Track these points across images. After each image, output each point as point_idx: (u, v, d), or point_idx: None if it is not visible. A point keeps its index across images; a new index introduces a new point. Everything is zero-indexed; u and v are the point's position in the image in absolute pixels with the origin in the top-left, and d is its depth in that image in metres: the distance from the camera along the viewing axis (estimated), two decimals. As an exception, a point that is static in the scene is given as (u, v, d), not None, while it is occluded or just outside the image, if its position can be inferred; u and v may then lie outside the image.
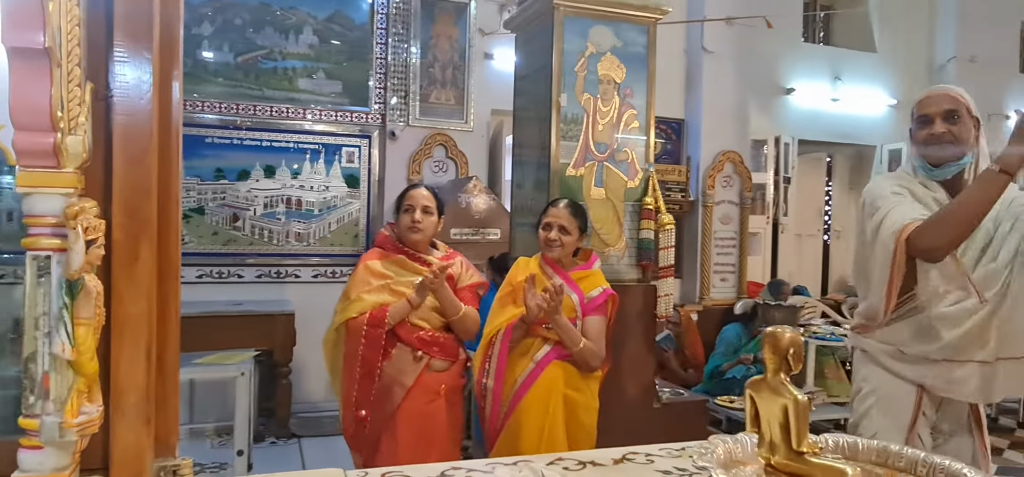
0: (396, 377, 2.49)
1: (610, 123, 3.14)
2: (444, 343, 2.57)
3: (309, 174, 5.43)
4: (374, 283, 2.53)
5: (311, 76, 5.42)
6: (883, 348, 2.11)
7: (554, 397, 2.57)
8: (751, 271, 6.47)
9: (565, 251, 2.65)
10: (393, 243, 2.62)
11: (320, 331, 5.13)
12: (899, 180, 2.12)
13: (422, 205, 2.59)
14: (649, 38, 3.19)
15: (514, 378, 2.61)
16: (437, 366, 2.55)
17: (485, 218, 5.01)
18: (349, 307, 2.52)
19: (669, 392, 3.44)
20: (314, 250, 5.46)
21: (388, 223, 2.79)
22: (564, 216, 2.63)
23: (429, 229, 2.60)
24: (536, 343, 2.62)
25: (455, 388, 2.64)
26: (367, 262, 2.60)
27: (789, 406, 1.10)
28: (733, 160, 6.29)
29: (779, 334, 1.11)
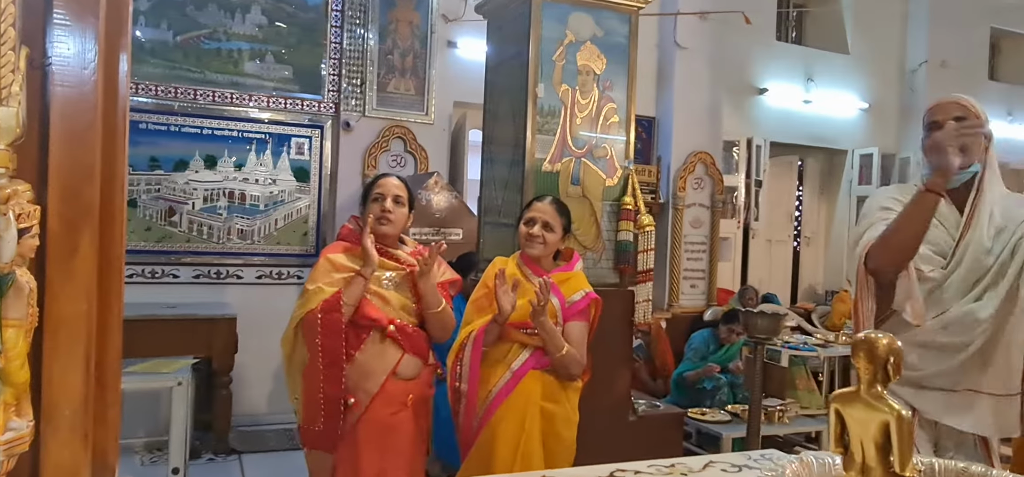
0: (360, 382, 2.38)
1: (589, 117, 3.09)
2: (414, 337, 2.47)
3: (254, 166, 5.25)
4: (336, 276, 2.42)
5: (258, 59, 5.24)
6: None
7: (531, 410, 2.51)
8: (721, 277, 6.52)
9: (548, 250, 2.59)
10: (358, 236, 2.51)
11: (264, 337, 5.05)
12: (897, 193, 2.16)
13: (393, 194, 2.49)
14: (631, 28, 3.16)
15: (489, 387, 2.53)
16: (405, 371, 2.45)
17: (446, 217, 4.91)
18: (308, 300, 2.40)
19: (645, 404, 3.41)
20: (258, 249, 5.27)
21: (353, 215, 2.67)
22: (549, 212, 2.57)
23: (400, 221, 2.51)
24: (513, 349, 2.55)
25: (423, 399, 2.54)
26: (329, 255, 2.49)
27: (892, 423, 1.00)
28: (705, 161, 6.33)
29: (875, 340, 1.02)
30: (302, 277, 5.35)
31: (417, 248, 2.59)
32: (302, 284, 5.22)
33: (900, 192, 2.16)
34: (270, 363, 5.22)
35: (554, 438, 2.56)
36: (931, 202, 1.94)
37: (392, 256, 2.49)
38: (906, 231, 1.97)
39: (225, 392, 4.64)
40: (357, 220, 2.59)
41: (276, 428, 5.11)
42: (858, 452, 1.04)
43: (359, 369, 2.39)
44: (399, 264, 2.48)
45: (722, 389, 4.90)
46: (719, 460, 1.98)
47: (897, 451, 1.01)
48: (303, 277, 5.35)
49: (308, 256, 5.37)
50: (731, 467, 1.92)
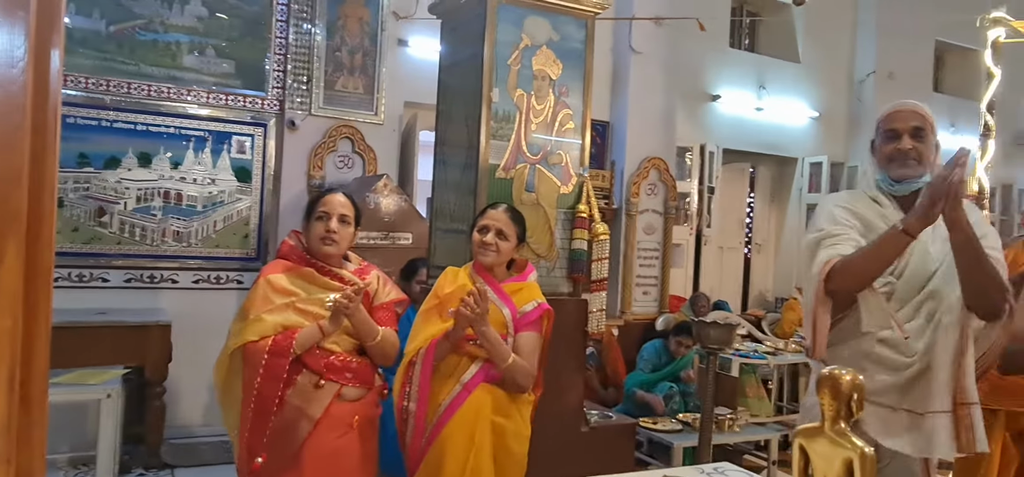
0: (302, 408, 2.31)
1: (544, 123, 3.10)
2: (358, 369, 2.42)
3: (192, 165, 5.10)
4: (277, 301, 2.34)
5: (198, 52, 5.10)
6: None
7: (481, 424, 2.48)
8: (673, 284, 6.62)
9: (501, 258, 2.57)
10: (300, 254, 2.44)
11: (200, 345, 4.90)
12: (850, 202, 2.21)
13: (339, 213, 2.43)
14: (587, 33, 3.17)
15: (438, 402, 2.50)
16: (349, 394, 2.40)
17: (395, 221, 4.86)
18: (247, 328, 2.31)
19: (597, 414, 3.43)
20: (195, 252, 5.13)
21: (293, 231, 2.60)
22: (503, 220, 2.56)
23: (345, 241, 2.45)
24: (463, 362, 2.53)
25: (370, 419, 2.49)
26: (269, 276, 2.40)
27: (855, 461, 1.03)
28: (658, 167, 6.42)
29: (838, 376, 1.05)
30: (242, 282, 5.23)
31: (362, 265, 2.55)
32: (242, 289, 5.19)
33: (851, 200, 2.21)
34: (206, 372, 4.95)
35: (505, 453, 2.54)
36: (904, 243, 1.97)
37: (336, 275, 2.44)
38: (874, 264, 2.01)
39: (158, 403, 4.49)
40: (298, 236, 2.53)
41: (212, 441, 4.97)
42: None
43: (300, 393, 2.31)
44: (343, 284, 2.43)
45: (674, 398, 4.97)
46: (673, 473, 2.01)
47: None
48: (243, 282, 5.23)
49: (249, 260, 5.26)
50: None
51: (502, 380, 2.52)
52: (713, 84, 7.17)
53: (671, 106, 6.56)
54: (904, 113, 2.14)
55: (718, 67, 7.16)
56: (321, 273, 2.44)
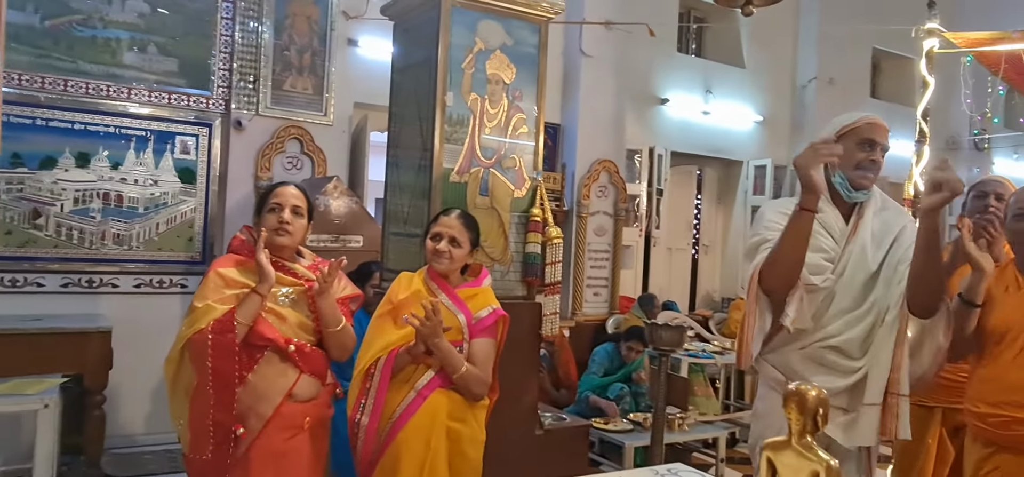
0: (253, 406, 2.27)
1: (498, 126, 3.11)
2: (312, 356, 2.38)
3: (133, 165, 4.95)
4: (228, 292, 2.30)
5: (139, 50, 4.95)
6: (775, 375, 2.28)
7: (437, 429, 2.48)
8: (623, 285, 6.71)
9: (454, 265, 2.57)
10: (252, 247, 2.40)
11: (142, 351, 4.78)
12: (784, 207, 2.27)
13: (292, 205, 2.40)
14: (541, 38, 3.20)
15: (392, 409, 2.49)
16: (302, 393, 2.37)
17: (346, 223, 4.81)
18: (197, 319, 2.26)
19: (551, 417, 3.46)
20: (137, 255, 4.98)
21: (245, 225, 2.55)
22: (456, 227, 2.56)
23: (298, 233, 2.42)
24: (419, 370, 2.51)
25: (321, 420, 2.46)
26: (219, 269, 2.35)
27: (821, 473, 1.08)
28: (609, 169, 6.50)
29: (804, 392, 1.09)
30: (186, 286, 5.10)
31: (316, 261, 2.51)
32: (186, 293, 5.06)
33: (787, 206, 2.27)
34: (149, 379, 4.94)
35: (460, 458, 2.54)
36: (807, 220, 2.07)
37: (289, 270, 2.40)
38: (788, 250, 2.10)
39: (98, 412, 4.34)
40: (250, 230, 2.48)
41: (155, 450, 4.85)
42: (789, 498, 1.10)
43: (252, 392, 2.27)
44: (296, 279, 2.40)
45: (625, 398, 5.04)
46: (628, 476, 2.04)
47: (826, 499, 1.07)
48: (187, 286, 5.10)
49: (194, 263, 5.13)
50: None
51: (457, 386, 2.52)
52: (661, 88, 7.29)
53: (621, 109, 6.65)
54: (882, 128, 2.25)
55: (666, 71, 7.29)
56: (275, 267, 2.40)
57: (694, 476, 2.08)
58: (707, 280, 8.27)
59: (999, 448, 2.35)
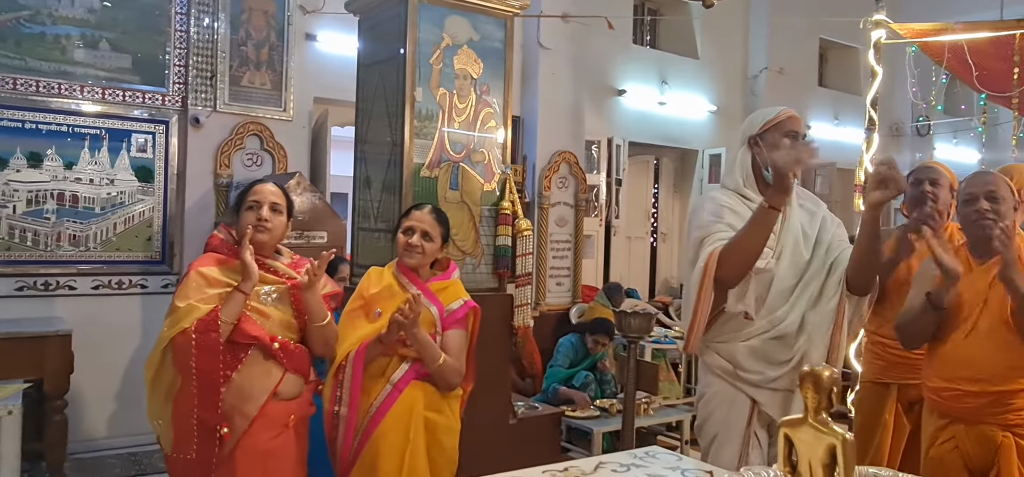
0: (238, 406, 2.25)
1: (467, 121, 3.14)
2: (296, 353, 2.37)
3: (87, 164, 4.83)
4: (210, 292, 2.27)
5: (90, 46, 4.82)
6: (721, 364, 2.44)
7: (415, 421, 2.51)
8: (585, 274, 6.80)
9: (426, 259, 2.60)
10: (231, 247, 2.38)
11: (103, 353, 4.69)
12: (734, 201, 2.43)
13: (270, 201, 2.38)
14: (507, 33, 3.23)
15: (369, 403, 2.51)
16: (286, 392, 2.36)
17: (309, 219, 4.77)
18: (179, 318, 2.23)
19: (523, 406, 3.51)
20: (94, 256, 4.86)
21: (222, 224, 2.53)
22: (428, 221, 2.59)
23: (277, 230, 2.40)
24: (393, 362, 2.54)
25: (304, 418, 2.46)
26: (200, 268, 2.32)
27: (838, 446, 1.15)
28: (569, 161, 6.57)
29: (819, 372, 1.15)
30: (146, 286, 5.01)
31: (295, 259, 2.50)
32: (146, 293, 4.97)
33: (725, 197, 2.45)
34: (111, 381, 4.85)
35: (437, 448, 2.58)
36: (774, 217, 2.25)
37: (271, 269, 2.39)
38: (751, 243, 2.26)
39: (59, 417, 4.23)
40: (228, 229, 2.46)
41: (119, 453, 4.76)
42: (806, 472, 1.19)
43: (237, 391, 2.26)
44: (278, 277, 2.39)
45: (591, 385, 5.11)
46: (608, 461, 2.10)
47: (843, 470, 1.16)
48: (147, 286, 5.01)
49: (153, 263, 5.03)
50: (620, 467, 2.04)
51: (432, 378, 2.55)
52: (618, 79, 7.38)
53: (579, 101, 6.72)
54: (799, 120, 2.43)
55: (622, 63, 7.38)
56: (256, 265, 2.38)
57: (670, 457, 2.15)
58: (665, 267, 8.42)
59: (952, 419, 2.48)
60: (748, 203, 2.40)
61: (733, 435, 2.41)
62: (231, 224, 2.45)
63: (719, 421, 2.45)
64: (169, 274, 5.06)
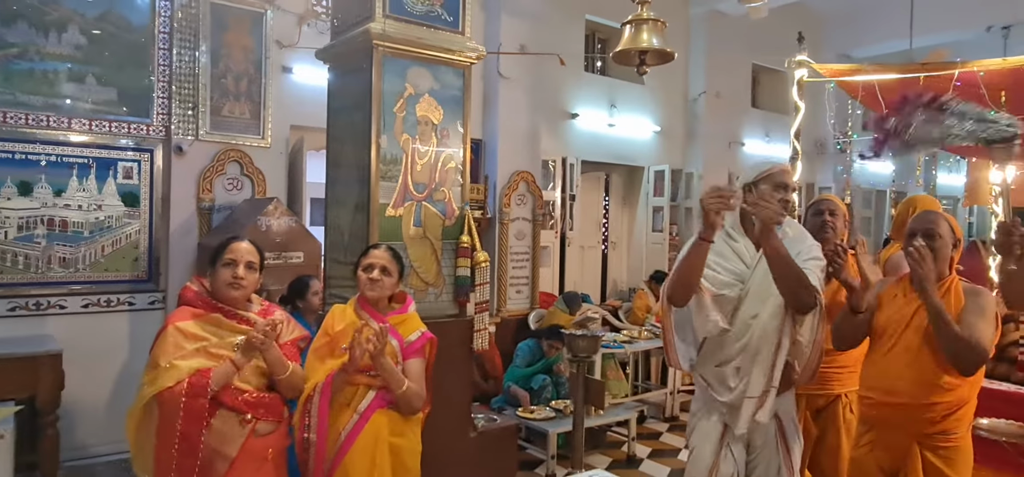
0: (218, 449, 2.23)
1: (428, 164, 3.14)
2: (270, 403, 2.37)
3: (76, 191, 4.72)
4: (188, 347, 2.25)
5: (78, 80, 4.71)
6: (700, 382, 2.55)
7: (380, 447, 2.53)
8: (542, 282, 6.84)
9: (385, 292, 2.62)
10: (206, 300, 2.36)
11: (94, 367, 4.61)
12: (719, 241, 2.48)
13: (246, 260, 2.36)
14: (465, 81, 3.24)
15: (337, 431, 2.52)
16: (263, 430, 2.35)
17: (286, 241, 4.73)
18: (160, 376, 2.20)
19: (483, 418, 3.53)
20: (83, 276, 4.76)
21: (195, 276, 2.50)
22: (386, 258, 2.61)
23: (251, 287, 2.39)
24: (359, 392, 2.55)
25: (282, 450, 2.45)
26: (177, 324, 2.29)
27: None
28: (526, 179, 6.60)
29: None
30: (134, 303, 4.92)
31: (265, 306, 2.49)
32: (134, 310, 4.88)
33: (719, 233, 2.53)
34: (101, 393, 4.76)
35: (402, 469, 2.60)
36: (704, 248, 2.37)
37: (243, 319, 2.38)
38: (686, 269, 2.40)
39: (52, 431, 4.14)
40: (201, 281, 2.43)
41: (110, 460, 4.67)
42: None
43: (217, 436, 2.24)
44: (251, 326, 2.38)
45: (547, 388, 5.16)
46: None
47: None
48: (135, 303, 4.92)
49: (140, 282, 4.95)
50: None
51: (396, 403, 2.57)
52: (571, 104, 7.44)
53: (535, 124, 6.75)
54: (790, 173, 2.57)
55: (575, 89, 7.44)
56: (228, 316, 2.37)
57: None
58: (615, 273, 8.51)
59: (871, 426, 2.59)
60: (732, 242, 2.50)
61: (708, 449, 2.50)
62: (204, 275, 2.43)
63: (698, 435, 2.55)
64: (155, 292, 4.99)
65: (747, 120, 9.03)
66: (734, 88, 8.78)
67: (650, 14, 3.24)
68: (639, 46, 3.17)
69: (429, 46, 3.09)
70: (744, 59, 8.94)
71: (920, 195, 3.85)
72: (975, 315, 2.39)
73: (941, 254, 2.49)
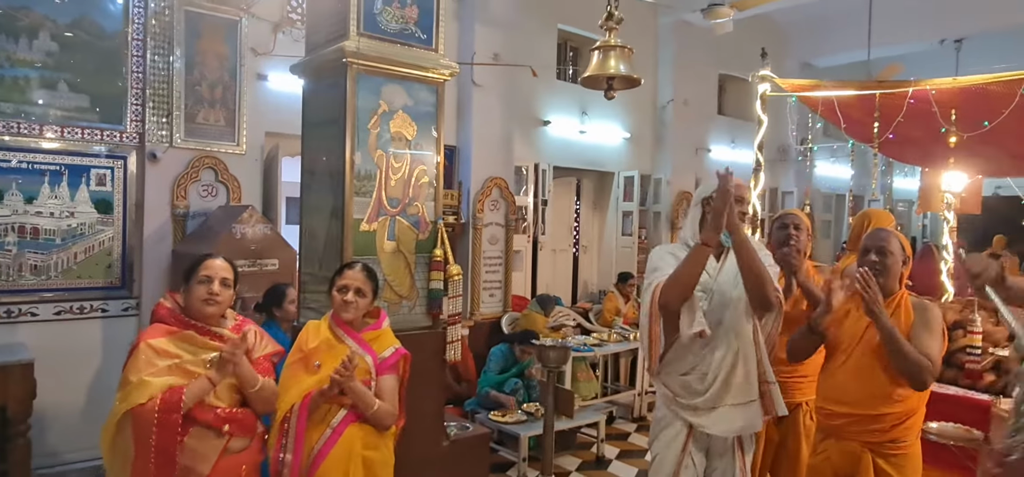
0: (192, 466, 2.21)
1: (402, 179, 3.14)
2: (243, 419, 2.36)
3: (48, 198, 4.62)
4: (161, 363, 2.22)
5: (51, 87, 4.61)
6: (664, 392, 2.56)
7: (354, 460, 2.52)
8: (515, 286, 6.87)
9: (359, 312, 2.61)
10: (179, 317, 2.33)
11: (66, 374, 4.52)
12: (673, 251, 2.54)
13: (221, 277, 2.34)
14: (438, 98, 3.23)
15: (311, 445, 2.50)
16: (236, 446, 2.33)
17: (261, 248, 4.68)
18: (132, 393, 2.18)
19: (455, 426, 3.54)
20: (55, 284, 4.66)
21: (169, 292, 2.47)
22: (360, 279, 2.60)
23: (225, 303, 2.37)
24: (332, 409, 2.54)
25: (255, 465, 2.44)
26: (150, 341, 2.26)
27: None
28: (499, 185, 6.61)
29: None
30: (107, 310, 4.83)
31: (238, 321, 2.47)
32: (107, 317, 4.79)
33: (674, 250, 2.56)
34: (74, 400, 4.67)
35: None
36: (706, 253, 2.37)
37: (216, 335, 2.36)
38: (688, 273, 2.38)
39: (23, 440, 4.04)
40: (174, 297, 2.41)
41: (82, 467, 4.59)
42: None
43: (190, 453, 2.22)
44: (224, 342, 2.36)
45: (519, 392, 5.19)
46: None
47: None
48: (108, 310, 4.83)
49: (113, 288, 4.86)
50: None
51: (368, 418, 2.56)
52: (543, 111, 7.47)
53: (509, 131, 6.76)
54: (746, 188, 2.61)
55: (547, 97, 7.46)
56: (201, 333, 2.35)
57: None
58: (586, 275, 8.57)
59: (826, 434, 2.66)
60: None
61: (670, 456, 2.51)
62: (177, 290, 2.40)
63: (661, 441, 2.55)
64: (129, 298, 4.90)
65: (714, 127, 9.15)
66: (701, 96, 8.88)
67: (618, 41, 3.28)
68: (607, 72, 3.21)
69: (403, 64, 3.09)
70: (711, 68, 9.05)
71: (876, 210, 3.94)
72: (924, 331, 2.48)
73: (892, 270, 2.56)
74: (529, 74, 6.46)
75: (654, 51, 8.58)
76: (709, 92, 9.13)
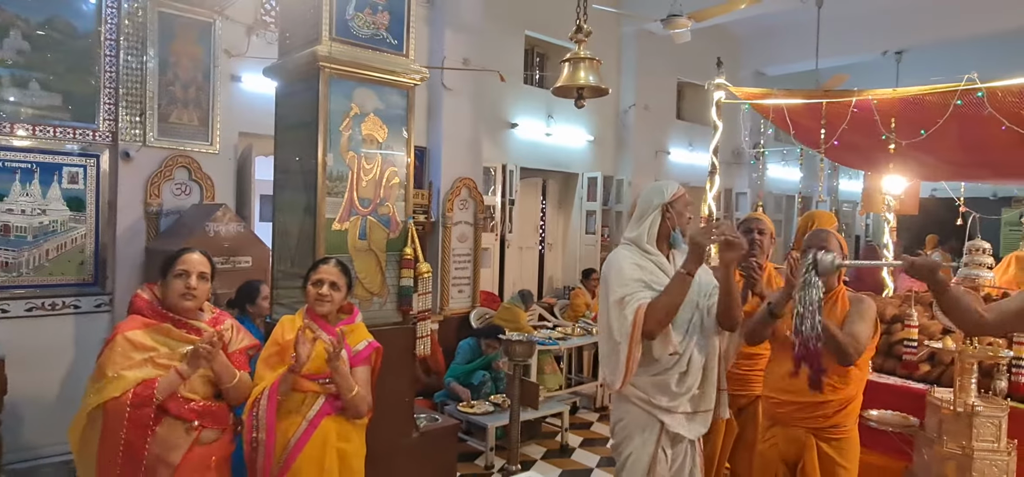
0: (162, 456, 2.17)
1: (373, 180, 3.12)
2: (216, 412, 2.32)
3: (19, 196, 4.48)
4: (136, 357, 2.17)
5: (22, 86, 4.46)
6: (637, 394, 2.51)
7: (329, 452, 2.51)
8: (483, 282, 6.87)
9: (334, 306, 2.59)
10: (156, 309, 2.28)
11: (38, 370, 4.40)
12: (638, 257, 2.52)
13: (198, 271, 2.30)
14: (408, 101, 3.22)
15: (286, 437, 2.48)
16: (207, 437, 2.30)
17: (234, 246, 4.61)
18: (107, 386, 2.13)
19: (425, 417, 3.54)
20: (27, 280, 4.52)
21: (147, 284, 2.42)
22: (335, 274, 2.58)
23: (203, 297, 2.33)
24: (307, 399, 2.52)
25: (225, 458, 2.41)
26: (126, 333, 2.21)
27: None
28: (468, 185, 6.61)
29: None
30: (79, 306, 4.70)
31: (215, 314, 2.43)
32: (80, 313, 4.67)
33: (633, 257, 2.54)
34: (46, 395, 4.54)
35: (348, 472, 2.59)
36: (689, 282, 2.37)
37: (193, 329, 2.32)
38: (672, 304, 2.37)
39: (-7, 437, 3.94)
40: (152, 289, 2.36)
41: (53, 462, 4.46)
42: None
43: (161, 443, 2.18)
44: (200, 336, 2.32)
45: (487, 384, 5.20)
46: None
47: None
48: (80, 306, 4.70)
49: (86, 285, 4.73)
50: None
51: (344, 409, 2.55)
52: (511, 114, 7.48)
53: (477, 133, 6.76)
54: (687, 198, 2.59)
55: (515, 100, 7.48)
56: (178, 326, 2.31)
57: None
58: (551, 271, 8.62)
59: (773, 422, 2.73)
60: (651, 257, 2.50)
61: (645, 452, 2.49)
62: (155, 283, 2.36)
63: (635, 442, 2.51)
64: (102, 294, 4.78)
65: (673, 131, 9.28)
66: (661, 101, 9.00)
67: (587, 54, 3.31)
68: (577, 83, 3.24)
69: (374, 68, 3.07)
70: (670, 75, 9.17)
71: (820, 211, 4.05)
72: (856, 317, 2.58)
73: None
74: (497, 78, 6.47)
75: (617, 58, 8.66)
76: (668, 98, 9.26)
